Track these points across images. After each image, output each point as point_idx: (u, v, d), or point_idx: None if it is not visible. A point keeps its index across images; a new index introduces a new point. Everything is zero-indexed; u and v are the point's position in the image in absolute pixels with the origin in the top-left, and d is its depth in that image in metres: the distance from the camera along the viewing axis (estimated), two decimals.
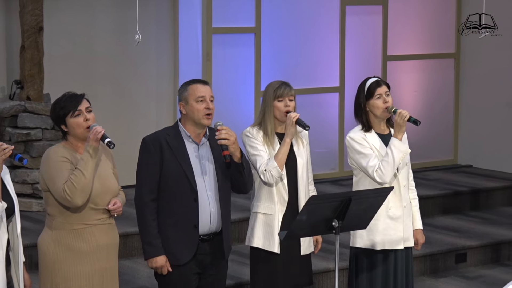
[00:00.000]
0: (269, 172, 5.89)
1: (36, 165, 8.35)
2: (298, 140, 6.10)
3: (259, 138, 6.01)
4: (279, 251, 5.97)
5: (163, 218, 5.60)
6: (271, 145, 6.00)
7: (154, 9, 9.72)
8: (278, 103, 5.99)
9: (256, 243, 6.03)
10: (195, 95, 5.60)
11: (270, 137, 6.01)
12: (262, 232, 6.01)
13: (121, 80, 9.69)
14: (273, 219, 5.98)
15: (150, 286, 7.23)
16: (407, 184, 6.21)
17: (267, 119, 6.01)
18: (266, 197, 6.01)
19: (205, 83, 5.70)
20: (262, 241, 6.01)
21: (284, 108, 5.97)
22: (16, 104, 8.71)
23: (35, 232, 6.95)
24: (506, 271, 8.56)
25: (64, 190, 5.23)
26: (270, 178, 5.90)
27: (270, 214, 6.00)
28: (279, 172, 5.89)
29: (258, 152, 5.96)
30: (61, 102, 5.39)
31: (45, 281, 5.40)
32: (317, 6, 10.22)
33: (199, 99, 5.58)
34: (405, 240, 6.17)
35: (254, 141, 5.99)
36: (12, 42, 9.10)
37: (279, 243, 5.95)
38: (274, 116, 6.01)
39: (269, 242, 5.99)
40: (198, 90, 5.61)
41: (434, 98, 11.20)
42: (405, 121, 6.03)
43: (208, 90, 5.64)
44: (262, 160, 5.93)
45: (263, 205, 6.03)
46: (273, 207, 5.99)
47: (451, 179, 10.54)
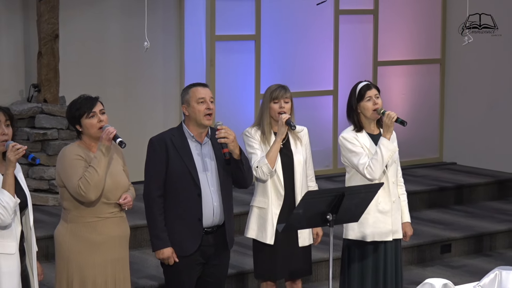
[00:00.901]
0: (260, 168, 5.92)
1: (52, 163, 8.35)
2: (296, 139, 6.11)
3: (257, 137, 6.03)
4: (274, 242, 5.99)
5: (169, 212, 5.61)
6: (268, 144, 6.03)
7: (162, 17, 9.73)
8: (274, 105, 6.02)
9: (251, 234, 6.08)
10: (196, 97, 5.61)
11: (267, 136, 6.03)
12: (256, 224, 6.05)
13: (130, 84, 9.69)
14: (266, 213, 6.01)
15: (158, 275, 7.23)
16: (395, 180, 6.22)
17: (264, 119, 6.04)
18: (261, 192, 6.04)
19: (205, 86, 5.71)
20: (256, 233, 6.05)
21: (278, 109, 5.99)
22: (34, 106, 8.72)
23: (51, 224, 6.95)
24: (488, 261, 8.57)
25: (78, 186, 5.23)
26: (262, 174, 5.94)
27: (264, 208, 6.02)
28: (269, 168, 5.91)
29: (254, 150, 6.01)
30: (77, 103, 5.40)
31: (61, 270, 5.41)
32: (312, 15, 10.22)
33: (200, 100, 5.60)
34: (394, 233, 6.18)
35: (251, 140, 6.03)
36: (30, 48, 9.10)
37: (273, 234, 5.97)
38: (271, 116, 6.03)
39: (262, 234, 6.02)
40: (198, 92, 5.63)
41: (420, 101, 11.20)
42: (393, 122, 6.05)
43: (208, 92, 5.65)
44: (256, 157, 5.97)
45: (257, 199, 6.07)
46: (266, 201, 6.01)
47: (437, 176, 10.55)
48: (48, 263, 6.86)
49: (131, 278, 5.71)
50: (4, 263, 4.96)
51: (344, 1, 10.48)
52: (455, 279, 7.19)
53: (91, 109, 5.34)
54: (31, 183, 8.45)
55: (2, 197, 4.86)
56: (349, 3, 10.55)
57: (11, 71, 9.11)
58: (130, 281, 5.62)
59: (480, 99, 10.93)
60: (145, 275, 7.32)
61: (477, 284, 4.64)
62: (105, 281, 5.39)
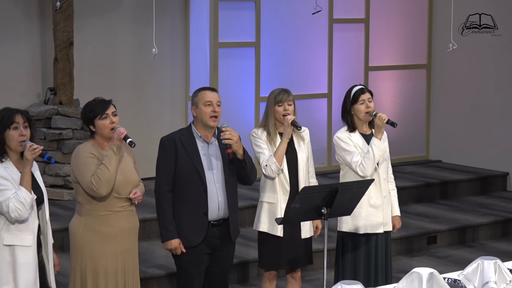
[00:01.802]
0: (269, 167, 5.92)
1: (67, 160, 8.34)
2: (299, 138, 6.12)
3: (263, 137, 6.03)
4: (282, 234, 5.99)
5: (177, 206, 5.61)
6: (273, 144, 6.02)
7: (169, 26, 9.73)
8: (278, 108, 6.01)
9: (262, 227, 6.05)
10: (203, 100, 5.61)
11: (273, 136, 6.03)
12: (267, 218, 6.03)
13: (139, 87, 9.69)
14: (276, 207, 6.00)
15: (165, 264, 7.23)
16: (386, 177, 6.22)
17: (270, 121, 6.04)
18: (270, 188, 6.03)
19: (213, 90, 5.72)
20: (267, 226, 6.03)
21: (283, 111, 5.99)
22: (50, 108, 8.72)
23: (67, 218, 6.94)
24: (471, 251, 8.56)
25: (91, 182, 5.23)
26: (270, 172, 5.93)
27: (274, 203, 6.01)
28: (277, 167, 5.91)
29: (262, 150, 6.00)
30: (91, 106, 5.40)
31: (76, 260, 5.41)
32: (308, 24, 10.21)
33: (207, 103, 5.60)
34: (384, 225, 6.17)
35: (258, 141, 6.02)
36: (47, 54, 9.10)
37: (282, 227, 5.97)
38: (275, 118, 6.03)
39: (273, 227, 6.01)
40: (206, 95, 5.63)
41: (408, 103, 11.20)
42: (384, 123, 6.05)
43: (215, 96, 5.66)
44: (264, 157, 5.96)
45: (267, 195, 6.05)
46: (276, 196, 6.01)
47: (423, 172, 10.54)
48: (63, 254, 6.85)
49: (140, 267, 5.72)
50: (21, 255, 4.96)
51: (338, 11, 10.48)
52: (441, 268, 7.17)
53: (104, 111, 5.34)
54: (48, 180, 8.45)
55: (20, 194, 4.86)
56: (342, 13, 10.55)
57: (29, 75, 9.12)
58: (139, 270, 5.63)
59: (464, 101, 10.93)
60: (153, 265, 7.32)
61: (461, 273, 4.63)
62: (115, 270, 5.39)
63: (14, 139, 4.96)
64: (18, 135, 4.96)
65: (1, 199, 4.85)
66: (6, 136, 4.95)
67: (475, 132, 10.83)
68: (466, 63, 10.81)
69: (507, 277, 4.58)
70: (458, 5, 10.19)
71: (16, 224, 4.92)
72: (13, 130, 4.96)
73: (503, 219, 9.26)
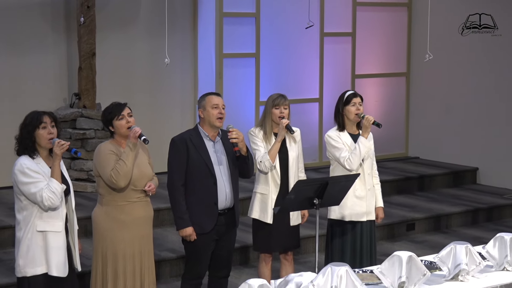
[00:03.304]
0: (263, 163, 5.92)
1: (90, 157, 8.34)
2: (290, 138, 6.10)
3: (260, 136, 6.02)
4: (272, 221, 5.98)
5: (190, 198, 5.60)
6: (268, 142, 6.02)
7: (179, 38, 9.72)
8: (275, 110, 6.00)
9: (254, 215, 6.06)
10: (211, 103, 5.61)
11: (268, 135, 6.03)
12: (259, 207, 6.03)
13: (153, 92, 9.69)
14: (267, 198, 6.00)
15: (176, 248, 7.22)
16: (371, 172, 6.20)
17: (266, 122, 6.03)
18: (263, 181, 6.03)
19: (218, 95, 5.73)
20: (258, 214, 6.04)
21: (279, 114, 5.98)
22: (75, 111, 8.71)
23: (89, 207, 6.94)
24: (445, 237, 8.56)
25: (111, 175, 5.23)
26: (264, 167, 5.93)
27: (266, 194, 6.01)
28: (270, 163, 5.91)
29: (258, 147, 5.99)
30: (109, 109, 5.41)
31: (97, 245, 5.41)
32: (302, 37, 10.20)
33: (214, 106, 5.59)
34: (368, 214, 6.17)
35: (255, 139, 6.02)
36: (72, 64, 9.09)
37: (272, 215, 5.96)
38: (272, 120, 6.02)
39: (263, 215, 6.01)
40: (213, 99, 5.63)
41: (390, 107, 11.19)
42: (370, 124, 6.05)
43: (220, 100, 5.66)
44: (259, 153, 5.96)
45: (260, 187, 6.04)
46: (268, 188, 6.00)
47: (403, 168, 10.54)
48: (87, 239, 6.84)
49: (154, 251, 5.71)
50: (53, 240, 4.95)
51: (328, 25, 10.48)
52: (418, 252, 7.16)
53: (121, 113, 5.34)
54: (73, 174, 8.44)
55: (51, 184, 4.86)
56: (332, 27, 10.54)
57: (56, 82, 9.11)
58: (153, 253, 5.62)
59: (438, 105, 10.93)
60: (166, 249, 7.31)
61: (436, 256, 4.63)
62: (132, 253, 5.38)
63: (43, 137, 4.95)
64: (46, 133, 4.96)
65: (35, 190, 4.85)
66: (36, 135, 4.95)
67: (448, 132, 10.82)
68: (441, 71, 10.80)
69: (476, 259, 4.57)
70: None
71: (48, 212, 4.92)
72: (42, 129, 4.96)
73: (473, 208, 9.26)
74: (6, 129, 8.55)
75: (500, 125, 10.23)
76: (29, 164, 4.90)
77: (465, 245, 4.55)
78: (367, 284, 4.34)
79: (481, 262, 4.58)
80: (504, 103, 10.16)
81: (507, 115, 10.15)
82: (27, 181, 4.86)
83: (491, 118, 10.32)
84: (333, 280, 4.05)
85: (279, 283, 4.26)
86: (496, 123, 10.26)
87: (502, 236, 4.77)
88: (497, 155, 10.26)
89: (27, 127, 4.95)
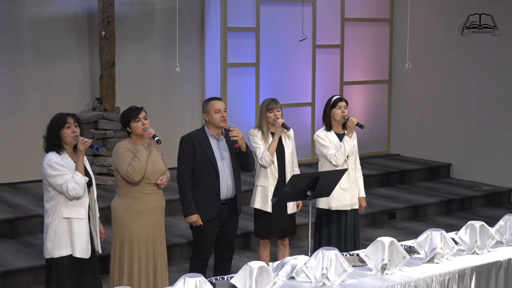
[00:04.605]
0: (264, 158, 5.90)
1: (110, 154, 8.33)
2: (286, 137, 6.09)
3: (259, 136, 6.02)
4: (271, 210, 5.96)
5: (196, 189, 5.58)
6: (266, 141, 6.01)
7: (189, 49, 9.71)
8: (269, 114, 6.00)
9: (256, 205, 6.04)
10: (214, 108, 5.59)
11: (266, 135, 6.01)
12: (260, 198, 6.02)
13: (166, 97, 9.68)
14: (267, 190, 5.98)
15: (185, 234, 7.22)
16: (354, 167, 6.20)
17: (263, 123, 6.03)
18: (263, 175, 6.01)
19: (220, 99, 5.71)
20: (260, 204, 6.02)
21: (273, 116, 5.97)
22: (97, 114, 8.70)
23: (109, 198, 6.91)
24: (421, 224, 8.55)
25: (127, 170, 5.23)
26: (265, 162, 5.91)
27: (265, 186, 5.99)
28: (270, 158, 5.90)
29: (258, 145, 5.98)
30: (127, 112, 5.40)
31: (116, 231, 5.40)
32: (297, 48, 10.20)
33: (217, 111, 5.58)
34: (352, 205, 6.15)
35: (255, 138, 6.01)
36: (94, 72, 9.09)
37: (271, 205, 5.95)
38: (268, 122, 6.01)
39: (264, 205, 5.99)
40: (215, 104, 5.61)
41: (374, 110, 11.19)
42: (354, 125, 6.04)
43: (222, 104, 5.64)
44: (260, 150, 5.95)
45: (261, 180, 6.03)
46: (267, 181, 5.99)
47: (385, 163, 10.53)
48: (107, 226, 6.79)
49: (166, 237, 5.69)
50: (77, 225, 4.95)
51: (319, 38, 10.47)
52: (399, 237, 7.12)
53: (137, 116, 5.33)
54: (95, 169, 8.43)
55: (76, 176, 4.87)
56: (323, 40, 10.53)
57: (80, 88, 9.10)
58: (165, 238, 5.60)
59: (416, 108, 10.92)
60: (176, 235, 7.30)
61: (414, 241, 4.61)
62: (146, 239, 5.37)
63: (68, 135, 4.95)
64: (71, 132, 4.96)
65: (61, 181, 4.85)
66: (62, 134, 4.95)
67: (425, 132, 10.81)
68: (418, 79, 10.79)
69: (450, 244, 4.57)
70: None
71: (73, 201, 4.92)
72: (67, 128, 4.96)
73: (447, 199, 9.25)
74: (37, 130, 8.55)
75: (470, 126, 10.21)
76: (56, 159, 4.90)
77: (440, 232, 4.54)
78: (354, 266, 4.33)
79: (454, 247, 4.57)
80: (475, 107, 10.15)
81: (478, 117, 10.14)
82: (54, 173, 4.86)
83: (463, 120, 10.31)
84: (324, 262, 4.04)
85: (276, 265, 4.25)
86: (468, 124, 10.25)
87: (473, 223, 4.76)
88: (468, 152, 10.25)
89: (53, 127, 4.96)
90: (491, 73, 9.93)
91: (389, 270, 4.26)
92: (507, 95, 9.77)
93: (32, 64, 8.76)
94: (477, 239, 4.69)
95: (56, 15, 8.84)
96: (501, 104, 9.84)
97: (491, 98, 9.94)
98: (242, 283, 3.79)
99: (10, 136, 8.62)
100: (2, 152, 8.55)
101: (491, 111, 9.95)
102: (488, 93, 9.97)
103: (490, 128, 9.97)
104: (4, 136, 8.59)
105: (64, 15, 8.90)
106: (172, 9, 9.09)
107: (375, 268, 4.27)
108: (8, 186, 8.51)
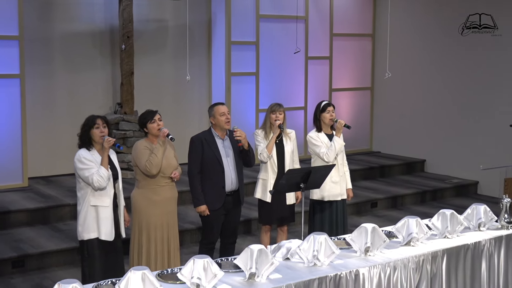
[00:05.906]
0: (262, 154, 5.93)
1: (129, 151, 8.35)
2: (287, 137, 6.11)
3: (261, 135, 6.05)
4: (270, 200, 5.97)
5: (204, 183, 5.58)
6: (268, 139, 6.04)
7: (198, 60, 9.71)
8: (272, 115, 6.02)
9: (257, 195, 6.06)
10: (219, 112, 5.59)
11: (268, 134, 6.04)
12: (261, 189, 6.04)
13: (178, 102, 9.68)
14: (267, 182, 6.00)
15: (195, 221, 7.23)
16: (342, 162, 6.20)
17: (266, 124, 6.05)
18: (264, 169, 6.03)
19: (223, 104, 5.71)
20: (260, 194, 6.03)
21: (275, 118, 5.99)
22: (118, 116, 8.70)
23: (129, 190, 6.92)
24: (399, 213, 8.56)
25: (145, 165, 5.24)
26: (263, 157, 5.94)
27: (266, 179, 6.01)
28: (267, 154, 5.92)
29: (259, 143, 6.01)
30: (144, 114, 5.41)
31: (135, 218, 5.40)
32: (291, 60, 10.19)
33: (221, 114, 5.58)
34: (341, 195, 6.16)
35: (258, 137, 6.04)
36: (116, 80, 9.09)
37: (270, 196, 5.96)
38: (270, 122, 6.03)
39: (264, 195, 6.01)
40: (220, 109, 5.61)
41: (358, 113, 11.19)
42: (342, 126, 6.04)
43: (225, 108, 5.65)
44: (260, 148, 5.97)
45: (262, 174, 6.05)
46: (267, 175, 6.00)
47: (368, 160, 10.54)
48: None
49: (178, 223, 5.70)
50: (102, 212, 4.99)
51: (311, 51, 10.47)
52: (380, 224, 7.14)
53: (153, 118, 5.34)
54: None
55: (100, 170, 4.91)
56: (314, 52, 10.53)
57: (103, 94, 9.10)
58: (178, 225, 5.61)
59: (395, 112, 10.92)
60: (187, 221, 7.31)
61: (393, 227, 4.63)
62: (161, 225, 5.38)
63: (96, 135, 4.98)
64: (99, 132, 4.99)
65: (88, 174, 4.90)
66: (91, 133, 5.00)
67: (402, 132, 10.82)
68: (397, 86, 10.80)
69: (424, 229, 4.58)
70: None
71: (99, 191, 4.95)
72: (96, 129, 4.99)
73: (421, 191, 9.25)
74: (66, 129, 8.58)
75: (443, 126, 10.22)
76: (85, 154, 4.94)
77: (416, 219, 4.55)
78: (341, 249, 4.35)
79: (428, 232, 4.59)
80: (445, 110, 10.16)
81: (448, 118, 10.15)
82: (83, 167, 4.90)
83: (436, 120, 10.31)
84: (315, 246, 4.06)
85: (273, 248, 4.27)
86: (440, 125, 10.25)
87: (444, 212, 4.78)
88: (440, 150, 10.26)
89: (85, 127, 5.02)
90: (461, 79, 9.93)
91: (371, 252, 4.28)
92: (474, 100, 9.77)
93: (62, 73, 8.77)
94: (447, 225, 4.71)
95: (82, 30, 8.86)
96: (469, 110, 9.84)
97: (457, 106, 9.95)
98: (244, 263, 3.81)
99: (43, 134, 8.64)
100: (36, 149, 8.57)
101: (460, 115, 9.97)
102: (456, 99, 9.98)
103: (459, 130, 9.99)
104: (38, 135, 8.60)
105: (90, 31, 8.91)
106: (183, 25, 9.11)
107: (359, 251, 4.29)
108: (42, 179, 8.53)
